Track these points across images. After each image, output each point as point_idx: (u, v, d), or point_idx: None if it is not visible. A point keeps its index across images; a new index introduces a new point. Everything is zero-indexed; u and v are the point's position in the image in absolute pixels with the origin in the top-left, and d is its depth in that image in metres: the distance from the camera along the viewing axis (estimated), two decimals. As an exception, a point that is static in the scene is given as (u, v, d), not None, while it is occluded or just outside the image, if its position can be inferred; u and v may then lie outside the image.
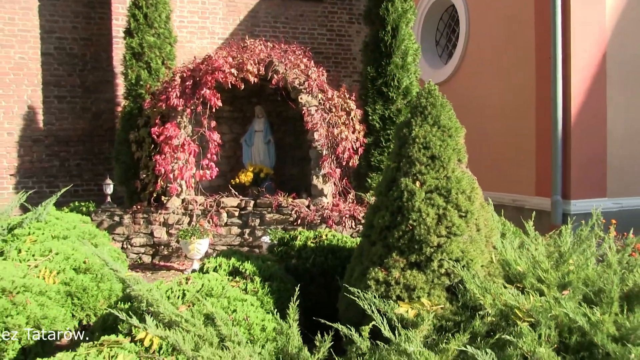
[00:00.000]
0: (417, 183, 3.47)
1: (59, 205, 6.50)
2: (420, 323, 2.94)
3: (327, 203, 6.26)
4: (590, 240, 3.88)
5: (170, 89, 6.36)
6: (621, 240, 5.07)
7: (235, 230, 6.40)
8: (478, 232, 3.54)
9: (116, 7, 8.43)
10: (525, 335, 2.57)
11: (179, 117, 6.39)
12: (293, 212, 6.20)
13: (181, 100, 6.30)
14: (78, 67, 8.91)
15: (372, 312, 2.86)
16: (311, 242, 4.72)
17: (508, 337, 2.56)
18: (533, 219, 4.27)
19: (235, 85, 6.43)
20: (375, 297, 3.09)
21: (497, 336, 2.68)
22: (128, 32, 7.24)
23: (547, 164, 6.44)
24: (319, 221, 6.08)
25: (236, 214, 6.44)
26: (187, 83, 6.41)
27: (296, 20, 9.75)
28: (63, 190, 5.20)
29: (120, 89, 7.85)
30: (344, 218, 6.00)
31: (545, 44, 6.32)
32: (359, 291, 3.04)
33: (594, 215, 5.15)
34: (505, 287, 3.30)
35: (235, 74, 6.39)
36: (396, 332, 2.68)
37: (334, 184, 6.39)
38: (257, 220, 6.35)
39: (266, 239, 5.69)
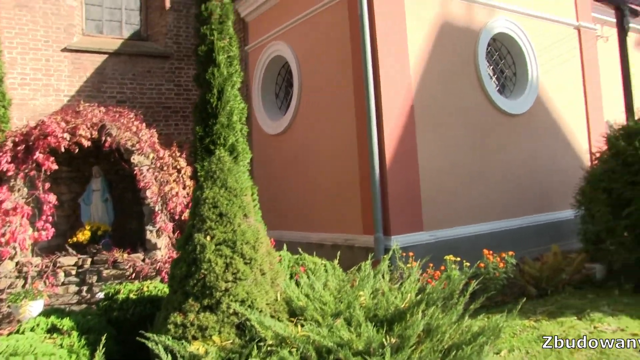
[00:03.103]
0: (208, 237, 4.30)
1: None
2: (205, 356, 3.74)
3: (161, 256, 6.94)
4: (391, 272, 4.89)
5: (1, 154, 6.81)
6: (427, 270, 6.16)
7: (73, 288, 6.88)
8: (263, 275, 4.41)
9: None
10: (285, 358, 3.46)
11: (12, 181, 6.84)
12: (129, 266, 6.80)
13: (12, 165, 6.76)
14: None
15: (159, 351, 3.62)
16: (133, 295, 5.39)
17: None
18: (355, 254, 5.16)
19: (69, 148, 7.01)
20: (172, 338, 3.84)
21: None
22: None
23: (370, 204, 7.33)
24: (154, 274, 6.73)
25: (74, 272, 6.91)
26: (19, 148, 6.87)
27: (144, 76, 10.43)
28: None
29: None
30: (177, 269, 6.69)
31: (362, 96, 7.39)
32: (155, 335, 3.77)
33: (394, 249, 6.26)
34: (289, 321, 4.22)
35: (68, 139, 6.97)
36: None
37: (168, 237, 7.08)
38: (95, 277, 6.88)
39: (101, 294, 6.22)
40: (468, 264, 5.90)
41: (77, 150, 7.06)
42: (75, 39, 9.94)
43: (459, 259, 6.18)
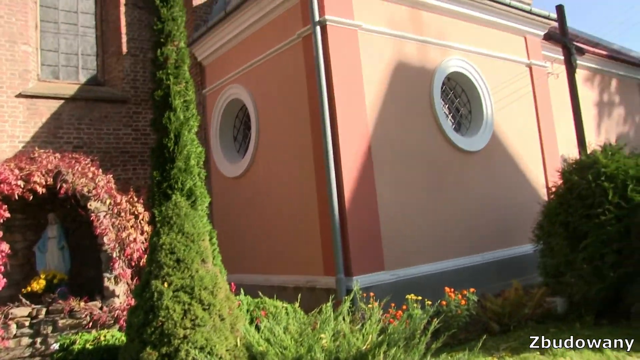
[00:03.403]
0: (166, 284, 4.24)
1: None
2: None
3: (120, 303, 6.79)
4: (352, 313, 4.89)
5: (-50, 203, 6.65)
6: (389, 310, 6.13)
7: (26, 340, 6.66)
8: (222, 321, 4.36)
9: None
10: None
11: (-39, 230, 6.67)
12: (86, 315, 6.63)
13: (-38, 214, 6.60)
14: None
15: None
16: (90, 345, 5.26)
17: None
18: (318, 297, 5.12)
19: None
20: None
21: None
22: None
23: (330, 245, 7.28)
24: (112, 322, 6.57)
25: (27, 323, 6.71)
26: (-30, 196, 6.74)
27: (101, 121, 10.35)
28: None
29: None
30: (135, 317, 6.55)
31: (319, 138, 7.43)
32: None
33: (355, 290, 6.24)
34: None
35: (22, 186, 6.85)
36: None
37: (127, 283, 6.96)
38: (50, 328, 6.68)
39: (56, 346, 6.04)
40: (430, 302, 5.92)
41: (31, 197, 6.94)
42: (30, 84, 9.85)
43: (420, 297, 6.20)
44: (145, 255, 7.05)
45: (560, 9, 9.68)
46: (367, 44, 7.89)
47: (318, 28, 7.40)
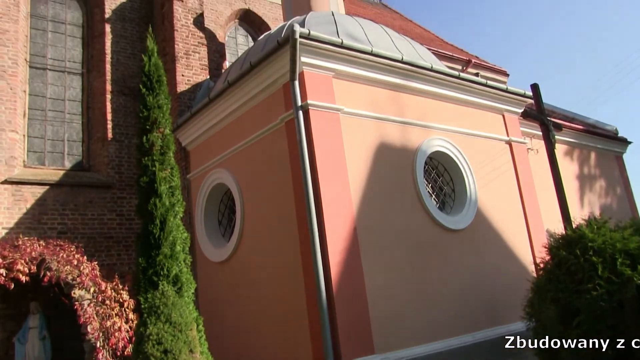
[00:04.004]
0: (151, 377, 4.20)
1: None
2: None
3: (102, 397, 6.63)
4: None
5: None
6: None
7: None
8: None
9: None
10: None
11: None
12: (66, 411, 6.46)
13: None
14: None
15: None
16: None
17: None
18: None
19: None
20: None
21: None
22: None
23: (319, 330, 7.17)
24: (94, 417, 6.39)
25: (4, 422, 6.51)
26: (-50, 287, 6.68)
27: (86, 206, 10.41)
28: None
29: None
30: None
31: (305, 221, 7.50)
32: None
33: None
34: None
35: (5, 275, 6.81)
36: None
37: (110, 375, 6.81)
38: None
39: None
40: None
41: (12, 286, 6.88)
42: (16, 171, 9.95)
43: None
44: (131, 345, 6.96)
45: (535, 87, 10.03)
46: (349, 126, 8.13)
47: (300, 112, 7.62)
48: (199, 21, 12.23)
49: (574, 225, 7.86)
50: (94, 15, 12.08)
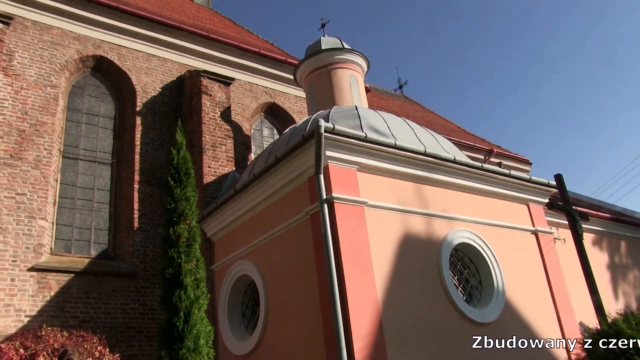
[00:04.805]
0: None
1: None
2: None
3: None
4: None
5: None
6: None
7: None
8: None
9: None
10: None
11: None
12: None
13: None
14: None
15: None
16: None
17: None
18: None
19: (26, 378, 6.82)
20: None
21: None
22: None
23: None
24: None
25: None
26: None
27: (109, 295, 10.46)
28: None
29: None
30: None
31: (330, 316, 7.38)
32: None
33: None
34: None
35: (26, 367, 6.82)
36: None
37: None
38: None
39: None
40: None
41: (33, 381, 6.87)
42: (43, 258, 10.10)
43: None
44: None
45: (559, 178, 10.06)
46: (374, 219, 8.21)
47: (325, 206, 7.74)
48: (226, 114, 12.72)
49: (609, 320, 7.64)
50: (125, 108, 12.65)
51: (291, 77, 14.21)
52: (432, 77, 57.86)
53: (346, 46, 13.20)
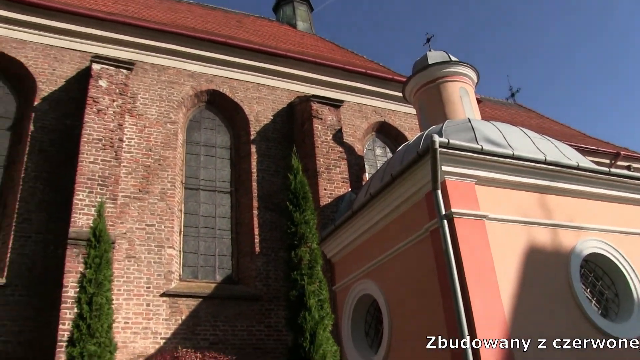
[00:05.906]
0: None
1: None
2: None
3: None
4: None
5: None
6: None
7: None
8: None
9: (64, 312, 9.07)
10: None
11: None
12: None
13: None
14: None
15: None
16: None
17: None
18: None
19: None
20: None
21: None
22: (70, 342, 7.96)
23: None
24: None
25: None
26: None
27: (235, 318, 10.91)
28: None
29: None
30: None
31: (456, 336, 7.19)
32: None
33: None
34: None
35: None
36: None
37: None
38: None
39: None
40: None
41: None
42: (173, 284, 10.77)
43: None
44: None
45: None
46: (496, 232, 8.01)
47: (445, 222, 7.65)
48: (337, 137, 12.98)
49: None
50: (240, 138, 13.25)
51: (399, 94, 14.23)
52: (544, 82, 55.84)
53: (453, 59, 13.07)
